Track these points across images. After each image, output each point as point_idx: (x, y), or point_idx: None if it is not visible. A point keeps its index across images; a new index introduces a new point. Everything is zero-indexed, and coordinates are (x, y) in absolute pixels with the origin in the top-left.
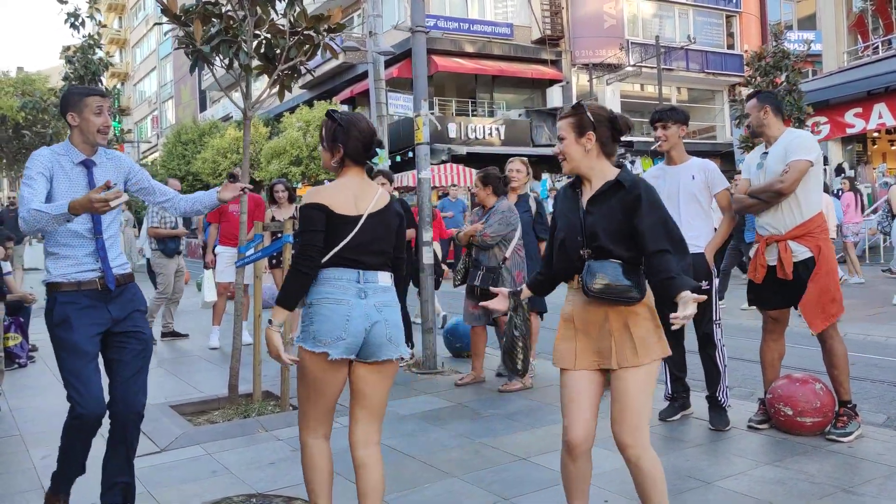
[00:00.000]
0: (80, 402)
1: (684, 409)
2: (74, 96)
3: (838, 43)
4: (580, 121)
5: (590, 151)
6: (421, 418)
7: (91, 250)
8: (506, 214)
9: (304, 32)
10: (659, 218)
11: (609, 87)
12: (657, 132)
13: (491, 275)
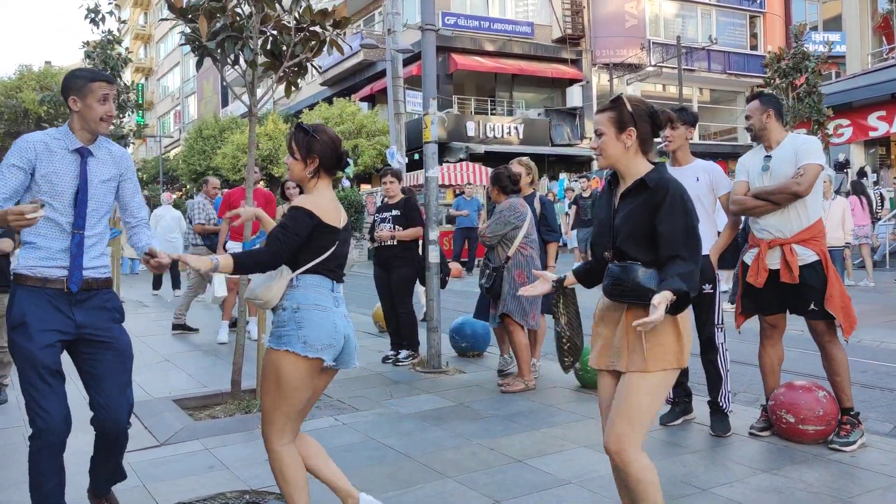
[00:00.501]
0: (41, 416)
1: (686, 413)
2: (78, 80)
3: (862, 45)
4: (620, 115)
5: (629, 148)
6: (421, 418)
7: (65, 245)
8: (504, 213)
9: (309, 29)
10: (680, 225)
11: (629, 87)
12: (665, 132)
13: (494, 274)
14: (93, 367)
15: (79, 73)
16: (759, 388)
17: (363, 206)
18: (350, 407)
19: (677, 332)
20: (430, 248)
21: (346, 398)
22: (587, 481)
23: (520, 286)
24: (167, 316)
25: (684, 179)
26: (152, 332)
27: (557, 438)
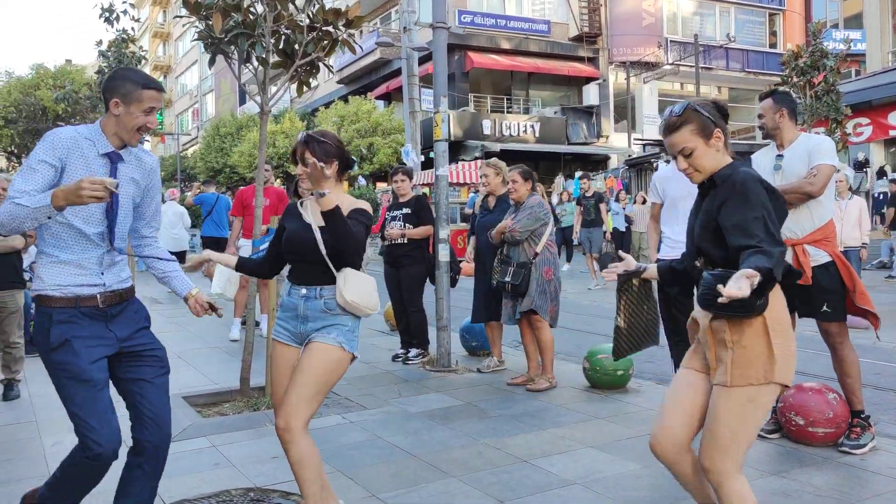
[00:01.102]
0: (97, 441)
1: None
2: (129, 83)
3: (883, 42)
4: (702, 123)
5: (720, 150)
6: (428, 417)
7: (97, 260)
8: (535, 210)
9: (322, 28)
10: (747, 214)
11: (646, 85)
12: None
13: (522, 270)
14: (139, 374)
15: (130, 75)
16: None
17: (378, 205)
18: (358, 405)
19: (767, 340)
20: (440, 246)
21: (355, 396)
22: (592, 482)
23: (548, 283)
24: (181, 312)
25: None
26: (165, 329)
27: (564, 439)
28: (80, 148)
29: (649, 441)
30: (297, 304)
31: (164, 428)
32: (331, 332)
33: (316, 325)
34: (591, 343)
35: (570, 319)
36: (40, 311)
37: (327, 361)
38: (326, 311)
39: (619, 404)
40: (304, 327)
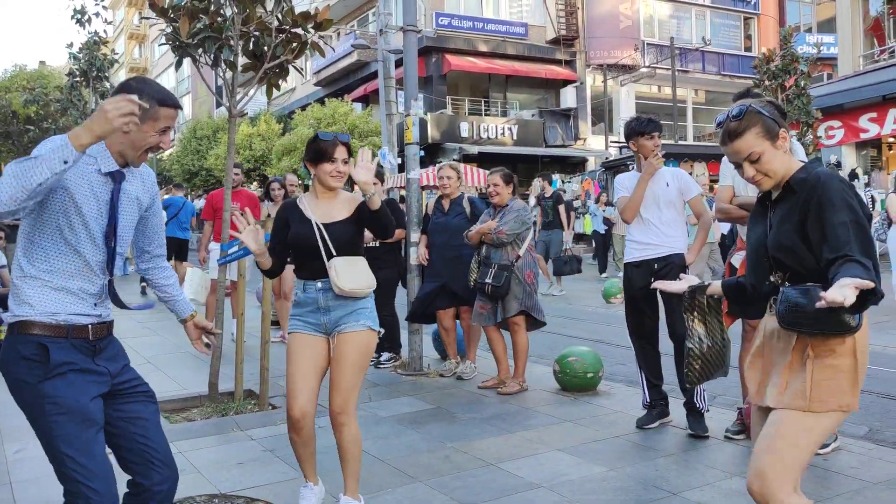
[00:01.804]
0: (97, 489)
1: (663, 416)
2: (144, 96)
3: (854, 46)
4: (766, 125)
5: (786, 152)
6: (397, 421)
7: (96, 289)
8: (521, 213)
9: (291, 30)
10: (840, 220)
11: (623, 88)
12: (654, 140)
13: (504, 272)
14: (137, 417)
15: (146, 89)
16: (738, 391)
17: None
18: (327, 409)
19: (854, 365)
20: (411, 250)
21: (325, 401)
22: (557, 485)
23: (530, 286)
24: (154, 317)
25: (656, 184)
26: (137, 334)
27: (532, 442)
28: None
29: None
30: (315, 297)
31: (173, 469)
32: (358, 318)
33: (340, 314)
34: (563, 345)
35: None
36: (22, 340)
37: (362, 346)
38: (346, 299)
39: (589, 407)
40: (327, 317)
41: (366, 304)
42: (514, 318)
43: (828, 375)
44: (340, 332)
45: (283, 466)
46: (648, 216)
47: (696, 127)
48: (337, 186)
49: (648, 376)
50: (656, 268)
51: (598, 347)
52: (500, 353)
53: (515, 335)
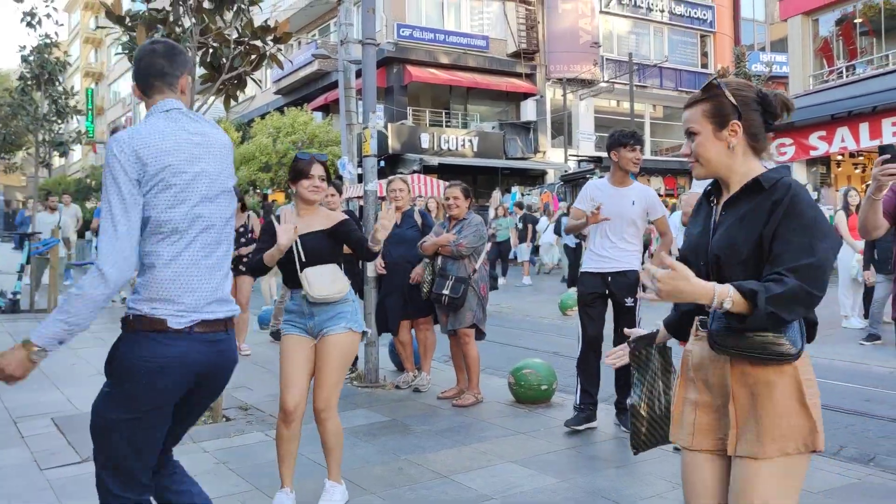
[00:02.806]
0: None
1: (590, 421)
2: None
3: (804, 66)
4: (718, 106)
5: (735, 149)
6: (352, 433)
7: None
8: (479, 227)
9: (250, 42)
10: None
11: (583, 102)
12: (636, 153)
13: (461, 284)
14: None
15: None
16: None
17: None
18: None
19: (801, 397)
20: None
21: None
22: (510, 497)
23: (483, 299)
24: (104, 327)
25: (623, 201)
26: (88, 345)
27: (486, 454)
28: None
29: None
30: (300, 304)
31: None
32: (339, 321)
33: (322, 318)
34: (519, 357)
35: (501, 334)
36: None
37: (343, 347)
38: (327, 305)
39: (542, 419)
40: (312, 322)
41: (345, 308)
42: (466, 330)
43: (781, 411)
44: (323, 336)
45: (235, 479)
46: (610, 232)
47: (653, 141)
48: (315, 199)
49: (584, 383)
50: (609, 280)
51: (554, 359)
52: (459, 364)
53: (466, 346)
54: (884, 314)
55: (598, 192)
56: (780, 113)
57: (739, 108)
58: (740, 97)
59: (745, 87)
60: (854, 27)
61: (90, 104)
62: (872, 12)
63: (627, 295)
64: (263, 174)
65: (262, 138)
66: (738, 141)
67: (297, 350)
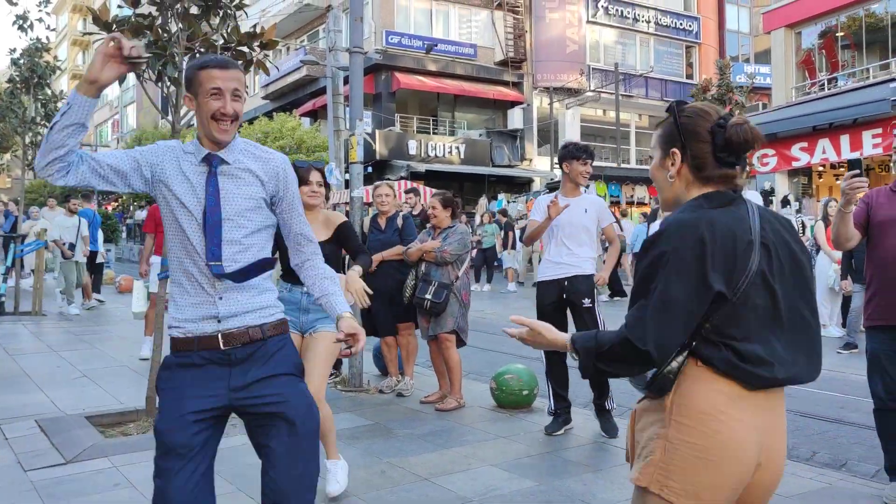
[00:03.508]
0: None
1: (567, 423)
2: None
3: (787, 78)
4: (668, 132)
5: (673, 180)
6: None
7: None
8: (464, 236)
9: (236, 48)
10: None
11: (569, 110)
12: (587, 166)
13: (444, 290)
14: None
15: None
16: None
17: None
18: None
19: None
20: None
21: None
22: (488, 499)
23: (465, 306)
24: (90, 330)
25: (576, 209)
26: (73, 347)
27: (467, 457)
28: (178, 159)
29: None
30: (299, 299)
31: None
32: (331, 321)
33: (317, 315)
34: (501, 363)
35: (484, 339)
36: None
37: (331, 344)
38: None
39: (523, 423)
40: (305, 317)
41: None
42: (446, 335)
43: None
44: (315, 331)
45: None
46: (565, 239)
47: (638, 150)
48: (315, 204)
49: (555, 387)
50: (566, 285)
51: (536, 365)
52: (440, 368)
53: (447, 352)
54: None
55: (544, 206)
56: (737, 149)
57: (683, 136)
58: (688, 125)
59: (701, 114)
60: (836, 40)
61: None
62: (854, 26)
63: (584, 297)
64: None
65: None
66: (675, 171)
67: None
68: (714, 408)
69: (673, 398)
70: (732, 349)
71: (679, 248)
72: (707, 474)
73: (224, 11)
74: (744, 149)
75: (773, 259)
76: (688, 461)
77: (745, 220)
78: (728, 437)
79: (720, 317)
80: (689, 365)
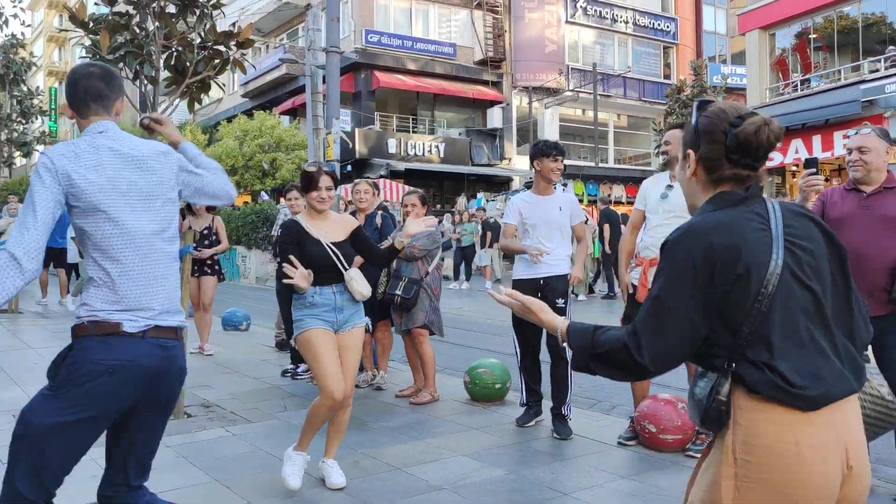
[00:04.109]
0: None
1: (538, 415)
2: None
3: (761, 79)
4: (689, 133)
5: (690, 181)
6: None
7: None
8: (434, 232)
9: (213, 47)
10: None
11: (548, 110)
12: (558, 163)
13: (414, 285)
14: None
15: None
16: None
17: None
18: (242, 419)
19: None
20: None
21: (240, 410)
22: (459, 487)
23: (436, 300)
24: (66, 326)
25: (549, 209)
26: (48, 344)
27: (439, 448)
28: None
29: None
30: (333, 299)
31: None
32: (360, 316)
33: (348, 313)
34: (475, 358)
35: (460, 336)
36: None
37: (362, 339)
38: (352, 301)
39: (495, 416)
40: (340, 316)
41: (361, 306)
42: (419, 330)
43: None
44: (349, 329)
45: (196, 472)
46: (541, 238)
47: (617, 150)
48: (323, 209)
49: (528, 381)
50: (542, 284)
51: (510, 360)
52: (414, 363)
53: (421, 346)
54: None
55: (524, 205)
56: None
57: (700, 137)
58: (705, 126)
59: (719, 114)
60: (809, 42)
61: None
62: (828, 28)
63: (559, 297)
64: (230, 177)
65: (228, 141)
66: (690, 174)
67: (331, 345)
68: (778, 440)
69: (734, 436)
70: (770, 368)
71: (679, 255)
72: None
73: (201, 10)
74: (758, 149)
75: (801, 259)
76: (768, 499)
77: (760, 218)
78: (803, 468)
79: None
80: (741, 395)
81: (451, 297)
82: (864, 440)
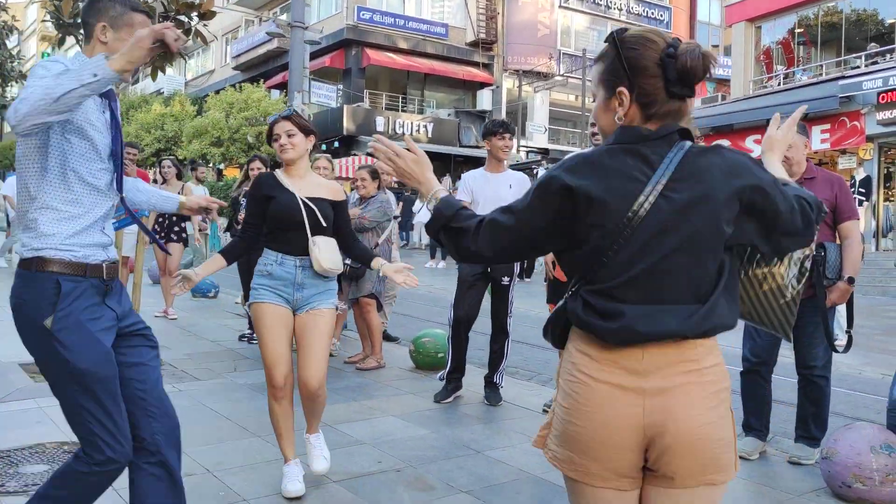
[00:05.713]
0: (113, 447)
1: (457, 391)
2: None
3: (746, 71)
4: (612, 68)
5: (621, 122)
6: (253, 388)
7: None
8: (384, 204)
9: (175, 17)
10: None
11: (538, 94)
12: (505, 141)
13: None
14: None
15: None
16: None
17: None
18: (191, 377)
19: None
20: None
21: (192, 370)
22: (381, 443)
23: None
24: None
25: (499, 186)
26: None
27: (372, 409)
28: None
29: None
30: (293, 273)
31: (173, 418)
32: (328, 297)
33: (312, 292)
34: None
35: (419, 308)
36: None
37: (330, 324)
38: (318, 278)
39: (433, 383)
40: (299, 293)
41: (332, 285)
42: (366, 300)
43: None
44: (313, 309)
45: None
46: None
47: None
48: (286, 158)
49: (454, 356)
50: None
51: None
52: (363, 331)
53: (368, 315)
54: None
55: (475, 181)
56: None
57: (629, 72)
58: (633, 59)
59: (646, 43)
60: (793, 36)
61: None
62: (813, 22)
63: (504, 274)
64: (215, 149)
65: (215, 113)
66: (624, 112)
67: (281, 324)
68: (576, 368)
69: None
70: (584, 300)
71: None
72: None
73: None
74: (699, 77)
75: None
76: (561, 424)
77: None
78: (588, 400)
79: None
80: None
81: (423, 275)
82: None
